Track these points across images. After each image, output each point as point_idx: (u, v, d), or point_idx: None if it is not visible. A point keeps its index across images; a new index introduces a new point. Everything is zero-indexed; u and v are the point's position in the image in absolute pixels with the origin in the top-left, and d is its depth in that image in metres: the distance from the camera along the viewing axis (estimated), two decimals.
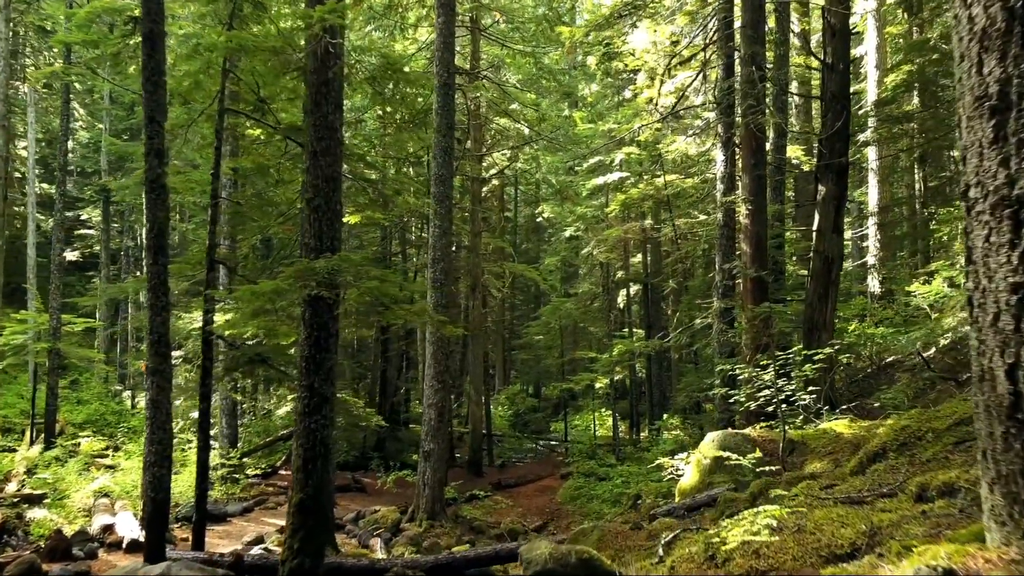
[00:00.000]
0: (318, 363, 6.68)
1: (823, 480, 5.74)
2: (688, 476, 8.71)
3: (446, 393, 14.04)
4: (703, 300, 19.89)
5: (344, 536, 13.00)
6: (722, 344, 12.46)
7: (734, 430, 8.55)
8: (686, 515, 7.46)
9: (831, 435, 8.03)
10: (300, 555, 6.34)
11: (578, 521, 15.66)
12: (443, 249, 14.11)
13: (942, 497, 3.25)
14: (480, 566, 8.07)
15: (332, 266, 6.35)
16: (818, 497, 4.42)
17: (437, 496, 13.89)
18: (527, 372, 35.61)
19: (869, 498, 4.02)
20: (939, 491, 3.30)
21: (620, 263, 27.04)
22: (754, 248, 12.32)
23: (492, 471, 22.13)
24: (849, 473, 5.68)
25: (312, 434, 6.58)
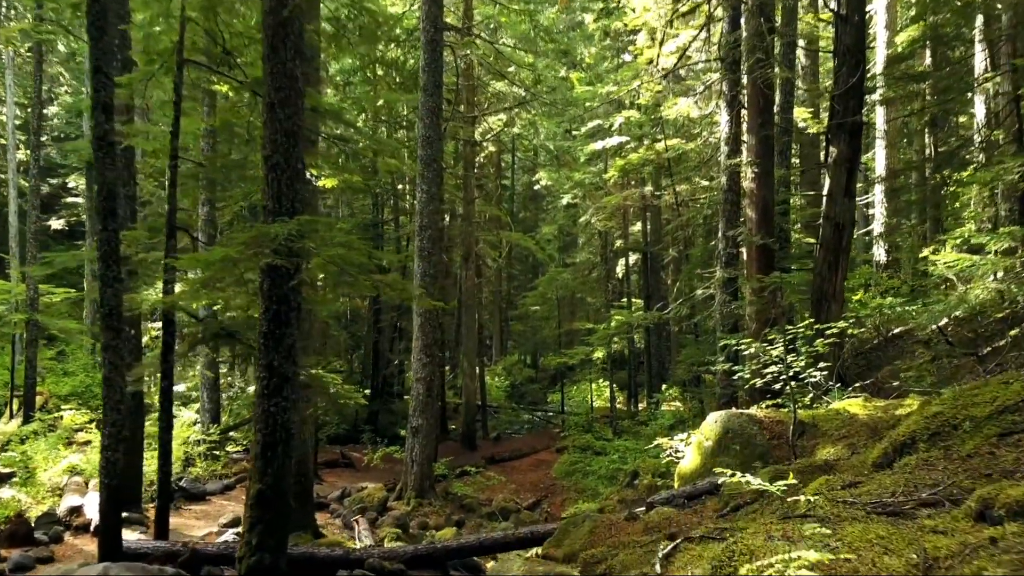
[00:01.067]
0: (278, 339, 5.99)
1: (842, 474, 5.08)
2: (688, 459, 8.08)
3: (435, 367, 13.41)
4: (704, 270, 19.18)
5: (328, 515, 12.46)
6: (724, 316, 11.79)
7: (738, 410, 7.91)
8: (686, 503, 6.84)
9: (844, 416, 7.38)
10: (259, 551, 5.72)
11: (573, 499, 15.13)
12: (430, 216, 13.37)
13: (1016, 519, 2.58)
14: (463, 556, 7.47)
15: (290, 231, 5.64)
16: (843, 502, 3.76)
17: (426, 473, 13.33)
18: (524, 342, 35.04)
19: (908, 506, 3.35)
20: (1010, 510, 2.63)
21: (619, 232, 26.27)
22: (760, 214, 11.58)
23: (486, 444, 21.63)
24: (872, 465, 5.02)
25: (272, 418, 5.91)
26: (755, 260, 11.56)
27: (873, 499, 3.68)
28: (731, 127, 12.36)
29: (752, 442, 7.38)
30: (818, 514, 3.66)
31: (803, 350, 7.73)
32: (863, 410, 7.43)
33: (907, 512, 3.26)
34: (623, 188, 23.05)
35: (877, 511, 3.38)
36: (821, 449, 6.77)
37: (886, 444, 5.03)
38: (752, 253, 11.60)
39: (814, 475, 5.79)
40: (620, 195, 21.60)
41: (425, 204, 13.35)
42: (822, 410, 7.76)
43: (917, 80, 15.98)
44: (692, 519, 6.22)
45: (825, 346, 7.55)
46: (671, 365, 30.08)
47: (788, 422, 7.56)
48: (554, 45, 23.64)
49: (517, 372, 34.73)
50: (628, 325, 14.41)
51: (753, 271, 11.55)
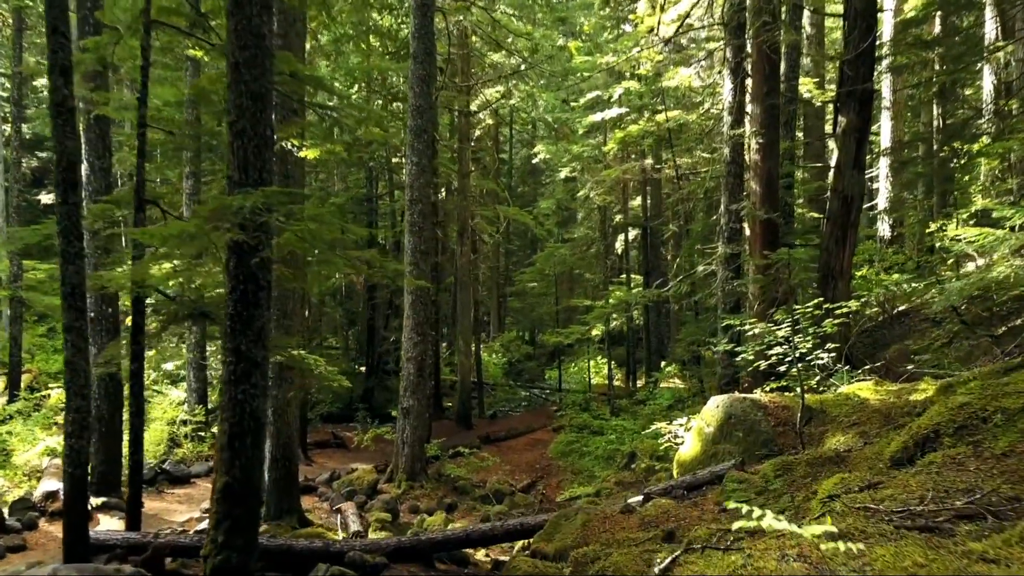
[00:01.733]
0: (246, 321, 5.53)
1: (858, 470, 4.65)
2: (688, 445, 7.66)
3: (426, 346, 12.98)
4: (706, 245, 18.69)
5: (316, 499, 12.11)
6: (726, 294, 11.33)
7: (741, 394, 7.47)
8: (685, 495, 6.43)
9: (854, 401, 6.94)
10: (226, 550, 5.31)
11: (568, 480, 14.78)
12: (421, 189, 12.85)
13: None
14: (449, 549, 7.09)
15: (254, 203, 5.14)
16: (865, 508, 3.32)
17: (417, 455, 12.96)
18: (522, 319, 34.63)
19: (942, 519, 2.92)
20: None
21: (618, 206, 25.71)
22: (764, 187, 11.07)
23: (482, 423, 21.28)
24: (890, 460, 4.58)
25: (239, 406, 5.47)
26: (759, 235, 11.07)
27: (899, 506, 3.24)
28: (735, 96, 11.80)
29: (756, 429, 6.96)
30: (837, 525, 3.22)
31: (810, 331, 7.28)
32: (874, 395, 6.99)
33: (943, 527, 2.82)
34: (622, 161, 22.47)
35: (907, 523, 2.94)
36: (830, 437, 6.34)
37: (906, 437, 4.59)
38: (756, 228, 11.11)
39: (824, 468, 5.37)
40: (619, 168, 21.03)
41: (416, 176, 12.83)
42: (830, 395, 7.32)
43: (928, 47, 15.36)
44: (692, 513, 5.81)
45: (834, 326, 7.09)
46: (670, 342, 29.73)
47: (794, 407, 7.14)
48: (552, 13, 22.95)
49: (515, 349, 34.37)
50: (627, 303, 13.93)
51: (757, 247, 11.07)
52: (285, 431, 9.94)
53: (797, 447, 6.57)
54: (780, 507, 4.67)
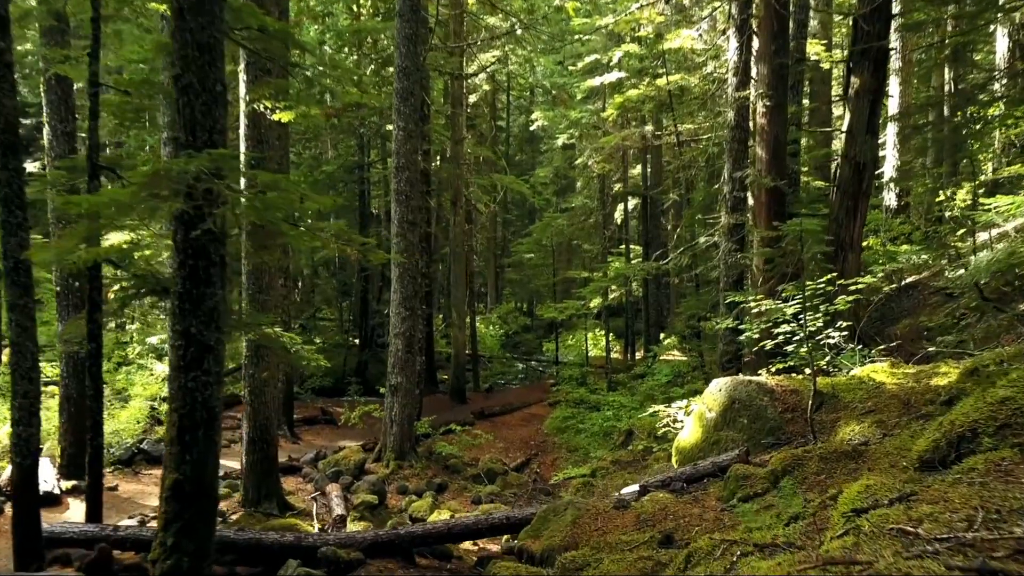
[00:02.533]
0: (196, 300, 4.95)
1: (882, 472, 4.10)
2: (689, 431, 7.13)
3: (415, 321, 12.41)
4: (707, 215, 18.04)
5: (300, 480, 11.63)
6: (729, 267, 10.74)
7: (746, 376, 6.92)
8: (685, 488, 5.91)
9: (869, 385, 6.39)
10: (176, 553, 4.80)
11: (564, 458, 14.33)
12: (408, 155, 12.18)
13: None
14: (429, 543, 6.58)
15: (200, 169, 4.53)
16: (901, 532, 2.76)
17: (406, 434, 12.47)
18: (519, 291, 34.05)
19: (1004, 556, 2.36)
20: None
21: (617, 175, 25.01)
22: (771, 153, 10.42)
23: (477, 397, 20.82)
24: (918, 461, 4.03)
25: (190, 395, 4.92)
26: (764, 205, 10.45)
27: (944, 531, 2.68)
28: (740, 55, 11.08)
29: (762, 415, 6.42)
30: (867, 550, 2.67)
31: (821, 308, 6.72)
32: (890, 378, 6.44)
33: (1009, 571, 2.27)
34: (622, 128, 21.71)
35: (958, 562, 2.38)
36: (844, 426, 5.79)
37: (936, 434, 4.03)
38: (761, 197, 10.48)
39: (840, 464, 4.82)
40: (619, 135, 20.28)
41: (402, 142, 12.15)
42: (842, 378, 6.77)
43: (943, 2, 14.56)
44: (692, 511, 5.29)
45: (847, 304, 6.51)
46: (669, 314, 29.22)
47: (803, 392, 6.59)
48: None
49: (512, 321, 33.89)
50: (625, 277, 13.33)
51: (762, 217, 10.46)
52: (263, 412, 9.42)
53: (807, 436, 6.03)
54: (792, 511, 4.13)
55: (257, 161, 9.20)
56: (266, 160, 9.27)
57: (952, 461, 3.78)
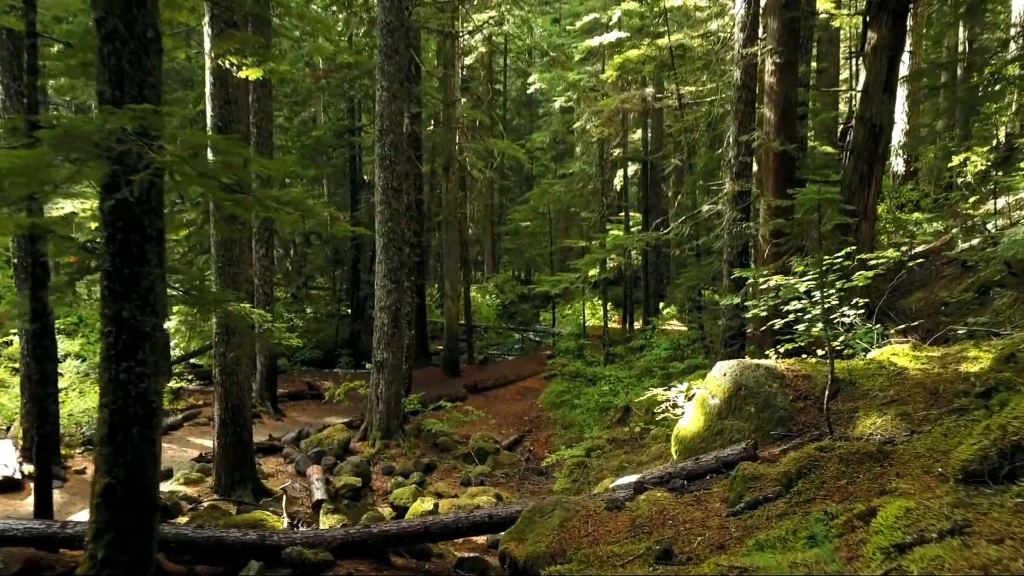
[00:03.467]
0: (128, 281, 4.32)
1: (917, 484, 3.50)
2: (690, 418, 6.54)
3: (401, 294, 11.78)
4: (709, 182, 17.30)
5: (280, 461, 11.11)
6: (733, 237, 10.06)
7: (753, 360, 6.31)
8: (685, 486, 5.33)
9: (890, 371, 5.79)
10: (108, 568, 4.23)
11: (559, 435, 13.81)
12: (392, 118, 11.44)
13: None
14: (405, 543, 6.04)
15: (123, 127, 3.86)
16: None
17: (393, 411, 11.93)
18: (516, 259, 33.36)
19: None
20: None
21: (617, 139, 24.17)
22: (780, 114, 9.69)
23: (471, 370, 20.29)
24: (961, 471, 3.44)
25: (122, 388, 4.31)
26: (772, 170, 9.76)
27: None
28: (748, 8, 10.27)
29: (771, 403, 5.82)
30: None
31: (837, 284, 6.09)
32: (913, 362, 5.83)
33: None
34: (621, 90, 20.83)
35: None
36: (863, 418, 5.20)
37: (984, 441, 3.43)
38: (769, 162, 9.78)
39: (864, 467, 4.23)
40: (618, 97, 19.43)
41: (387, 104, 11.40)
42: (859, 362, 6.16)
43: None
44: (694, 515, 4.72)
45: (866, 280, 5.87)
46: (669, 283, 28.58)
47: (816, 378, 5.99)
48: None
49: (509, 290, 33.25)
50: (623, 248, 12.69)
51: (769, 183, 9.77)
52: (235, 392, 8.84)
53: (821, 427, 5.44)
54: (810, 529, 3.54)
55: (225, 123, 8.50)
56: (234, 122, 8.56)
57: (1005, 476, 3.18)
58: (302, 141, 20.37)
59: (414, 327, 19.49)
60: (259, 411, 13.68)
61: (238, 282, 8.73)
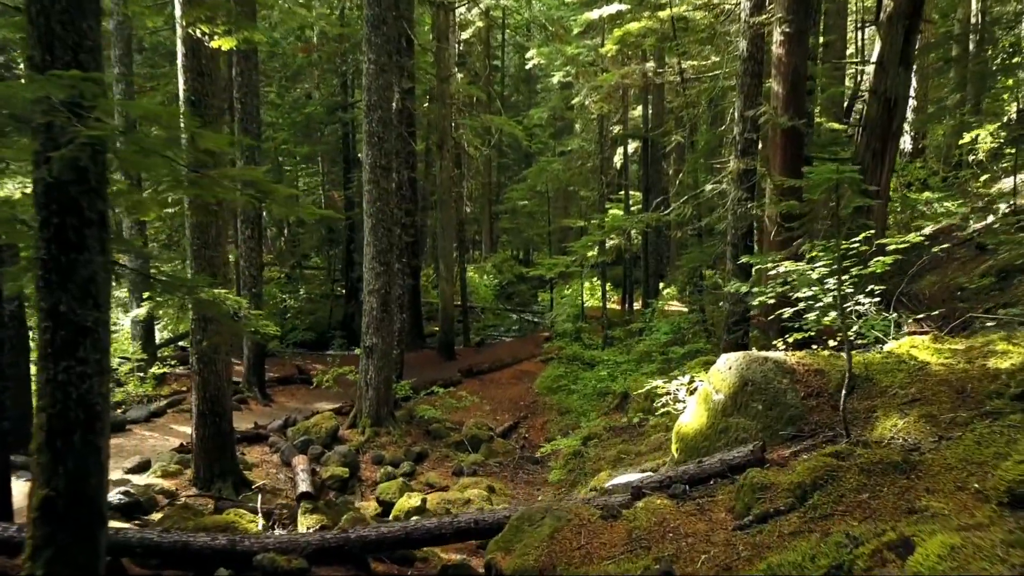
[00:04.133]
0: (66, 270, 3.86)
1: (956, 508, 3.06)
2: (692, 414, 6.10)
3: (390, 277, 11.31)
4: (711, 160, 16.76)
5: (266, 450, 10.71)
6: (738, 218, 9.58)
7: (760, 353, 5.85)
8: (687, 492, 4.90)
9: (910, 366, 5.33)
10: None
11: (555, 421, 13.42)
12: (380, 92, 10.90)
13: None
14: (384, 549, 5.63)
15: (51, 96, 3.37)
16: None
17: (383, 398, 11.51)
18: (514, 239, 32.81)
19: None
20: None
21: (617, 116, 23.57)
22: (789, 88, 9.16)
23: (467, 352, 19.89)
24: (1007, 495, 2.99)
25: (62, 390, 3.87)
26: (780, 147, 9.24)
27: None
28: None
29: (780, 400, 5.38)
30: None
31: (853, 270, 5.62)
32: (936, 356, 5.37)
33: None
34: (621, 65, 20.20)
35: None
36: (883, 419, 4.76)
37: None
38: (776, 138, 9.27)
39: (888, 480, 3.79)
40: (618, 72, 18.81)
41: (374, 77, 10.86)
42: (876, 355, 5.70)
43: None
44: (697, 527, 4.29)
45: (885, 266, 5.40)
46: (669, 263, 28.12)
47: (830, 372, 5.54)
48: None
49: (507, 270, 32.79)
50: (621, 230, 12.20)
51: (777, 161, 9.26)
52: (214, 382, 8.41)
53: (836, 428, 5.01)
54: (831, 556, 3.10)
55: (198, 97, 7.98)
56: (209, 96, 8.04)
57: None
58: (293, 118, 19.77)
59: (408, 309, 19.06)
60: (246, 396, 13.28)
61: (215, 265, 8.26)
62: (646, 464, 7.91)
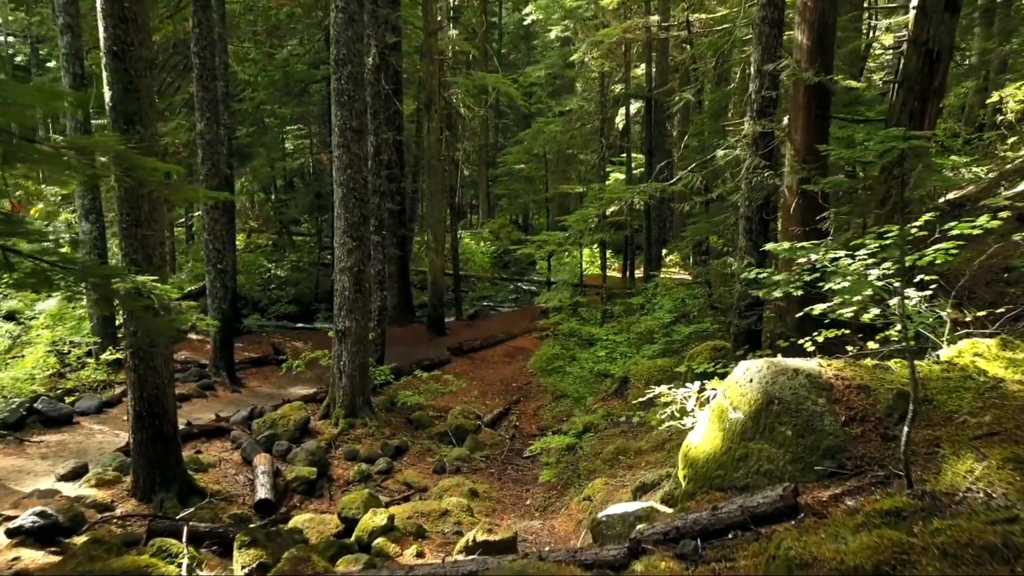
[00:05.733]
0: None
1: None
2: (704, 433, 5.02)
3: (364, 253, 10.18)
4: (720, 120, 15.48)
5: (227, 446, 9.70)
6: (753, 188, 8.41)
7: (790, 363, 4.73)
8: (698, 552, 3.84)
9: (979, 382, 4.24)
10: None
11: (548, 407, 12.39)
12: (349, 45, 9.64)
13: None
14: None
15: None
16: None
17: (358, 386, 10.49)
18: (513, 203, 31.53)
19: None
20: None
21: (619, 75, 22.16)
22: (815, 38, 7.91)
23: (458, 326, 18.84)
24: None
25: None
26: (803, 107, 8.03)
27: None
28: None
29: (815, 426, 4.30)
30: None
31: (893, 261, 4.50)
32: (1010, 369, 4.29)
33: None
34: (624, 18, 18.77)
35: None
36: (952, 459, 3.68)
37: None
38: (800, 96, 8.05)
39: (982, 568, 2.71)
40: (620, 26, 17.41)
41: (343, 28, 9.60)
42: (934, 366, 4.60)
43: None
44: None
45: (948, 257, 4.29)
46: (672, 228, 26.92)
47: (877, 390, 4.44)
48: None
49: (505, 236, 31.60)
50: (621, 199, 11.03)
51: (799, 123, 8.06)
52: (151, 379, 7.35)
53: (886, 463, 3.94)
54: None
55: (121, 48, 6.77)
56: (135, 46, 6.82)
57: None
58: (271, 76, 18.43)
59: (396, 282, 17.98)
60: (213, 382, 12.25)
61: (149, 246, 7.14)
62: (648, 475, 6.88)
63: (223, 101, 14.84)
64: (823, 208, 7.97)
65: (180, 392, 11.63)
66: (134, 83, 6.89)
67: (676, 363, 11.19)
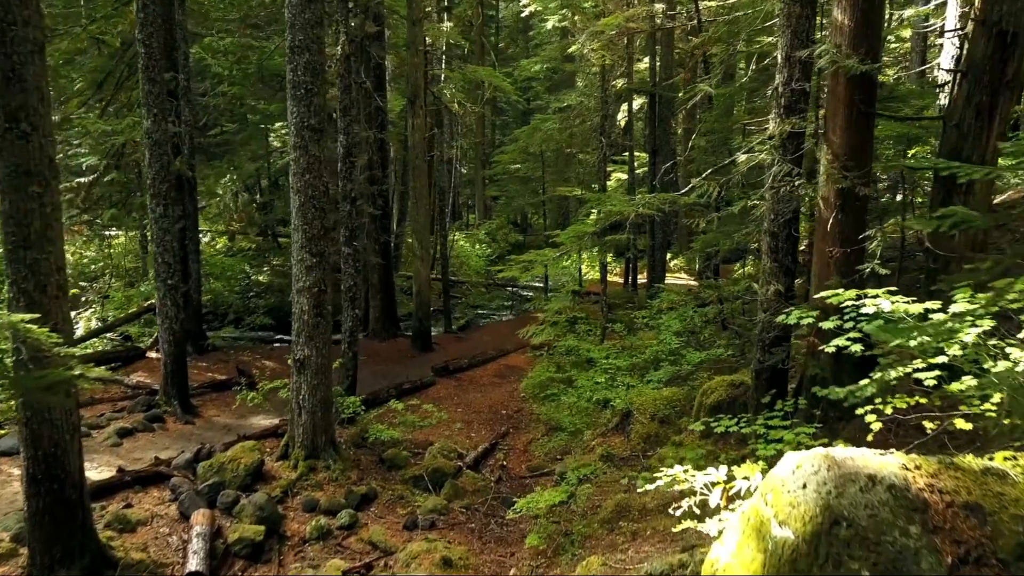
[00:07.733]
0: None
1: None
2: (732, 552, 3.64)
3: (324, 272, 8.82)
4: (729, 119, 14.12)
5: (164, 496, 8.33)
6: (780, 199, 7.03)
7: (861, 466, 3.35)
8: None
9: None
10: None
11: (541, 442, 11.01)
12: (307, 30, 8.27)
13: None
14: None
15: None
16: None
17: (320, 424, 9.13)
18: (506, 205, 30.19)
19: None
20: None
21: (621, 68, 20.78)
22: (860, 18, 6.54)
23: (447, 341, 17.47)
24: None
25: None
26: (844, 102, 6.66)
27: None
28: None
29: (906, 569, 2.92)
30: None
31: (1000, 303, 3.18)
32: None
33: None
34: (627, 7, 17.39)
35: None
36: None
37: None
38: (839, 89, 6.67)
39: None
40: (621, 15, 16.04)
41: (298, 11, 8.22)
42: None
43: None
44: None
45: None
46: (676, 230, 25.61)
47: (992, 513, 3.07)
48: None
49: (502, 238, 30.28)
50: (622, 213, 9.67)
51: (839, 121, 6.69)
52: (49, 434, 6.00)
53: None
54: None
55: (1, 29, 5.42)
56: (18, 24, 5.48)
57: None
58: (244, 69, 17.08)
59: (380, 291, 16.64)
60: (163, 412, 10.89)
61: (41, 272, 5.78)
62: (655, 563, 5.51)
63: (184, 95, 13.49)
64: (865, 224, 6.62)
65: (123, 426, 10.30)
66: (17, 71, 5.55)
67: (686, 394, 9.87)
